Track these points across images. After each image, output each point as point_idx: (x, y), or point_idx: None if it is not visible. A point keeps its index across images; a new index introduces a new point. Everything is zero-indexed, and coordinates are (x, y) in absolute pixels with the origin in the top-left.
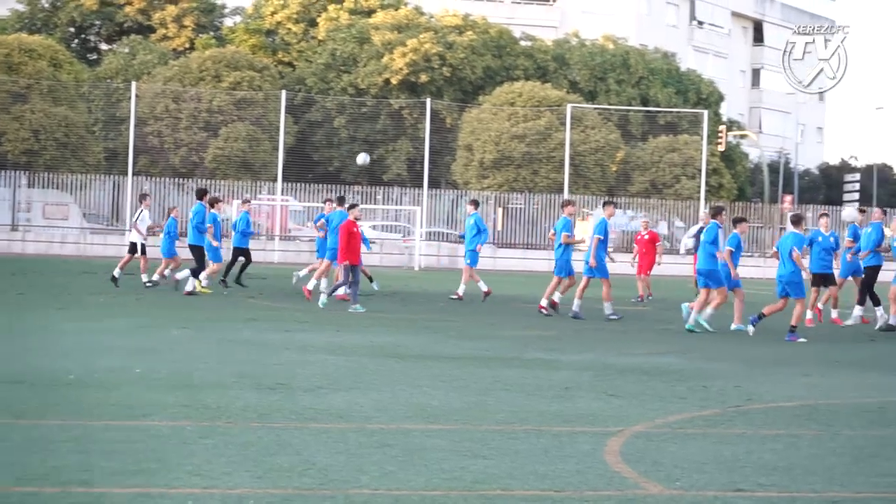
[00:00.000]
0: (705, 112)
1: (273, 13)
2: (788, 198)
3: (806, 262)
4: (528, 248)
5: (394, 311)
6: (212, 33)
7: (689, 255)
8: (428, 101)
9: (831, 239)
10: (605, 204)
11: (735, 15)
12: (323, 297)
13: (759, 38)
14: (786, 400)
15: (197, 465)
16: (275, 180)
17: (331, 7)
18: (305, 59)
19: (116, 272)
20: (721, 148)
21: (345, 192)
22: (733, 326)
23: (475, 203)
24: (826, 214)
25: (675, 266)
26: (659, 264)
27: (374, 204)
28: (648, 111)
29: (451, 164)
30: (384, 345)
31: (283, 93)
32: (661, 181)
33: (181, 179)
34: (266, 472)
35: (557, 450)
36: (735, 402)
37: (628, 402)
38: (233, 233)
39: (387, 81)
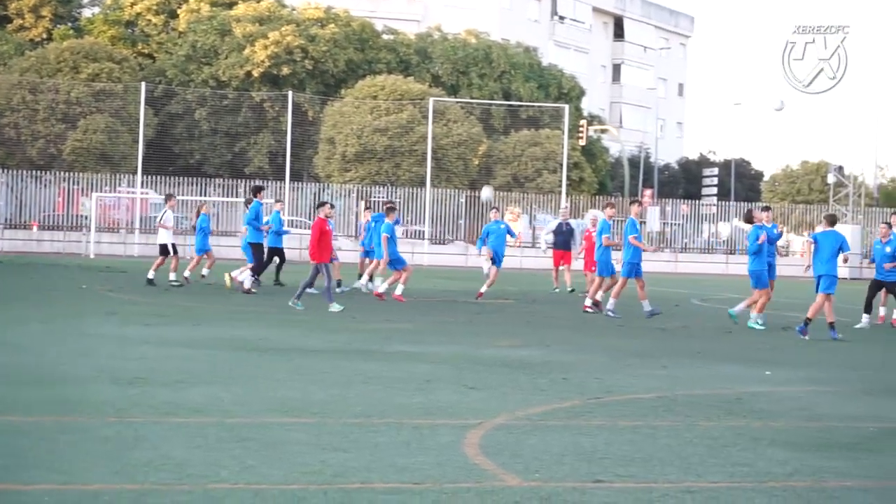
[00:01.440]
0: (566, 107)
1: (133, 4)
2: (648, 192)
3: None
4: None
5: (256, 304)
6: (70, 24)
7: (549, 251)
8: (290, 93)
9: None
10: (631, 202)
11: (596, 10)
12: (296, 303)
13: (619, 33)
14: (644, 391)
15: (54, 461)
16: (135, 173)
17: None
18: (166, 50)
19: (151, 274)
20: (582, 142)
21: (205, 184)
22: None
23: (497, 209)
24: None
25: (537, 260)
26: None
27: (236, 197)
28: (510, 105)
29: (313, 157)
30: (244, 338)
31: (143, 85)
32: (522, 175)
33: (39, 172)
34: (123, 467)
35: (417, 442)
36: (595, 394)
37: (489, 395)
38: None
39: (248, 74)
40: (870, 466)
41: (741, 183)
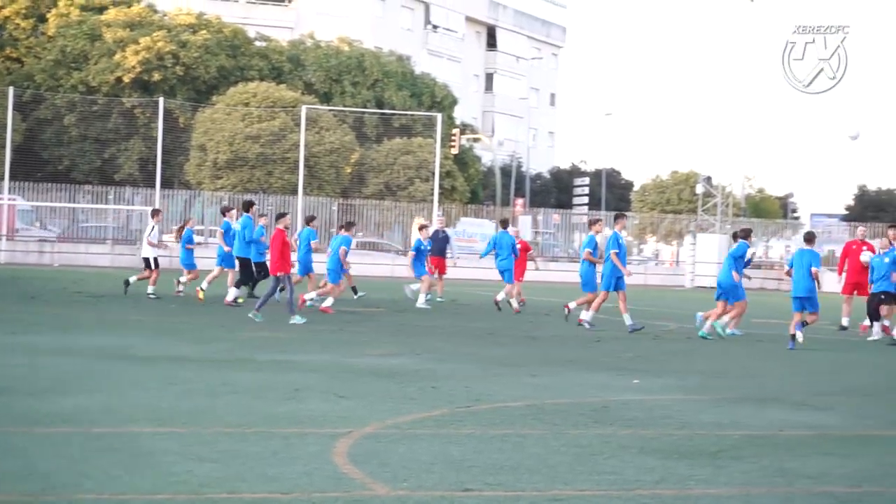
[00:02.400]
0: (439, 115)
1: (0, 7)
2: (520, 201)
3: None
4: None
5: (124, 312)
6: None
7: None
8: (161, 100)
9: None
10: (616, 217)
11: (469, 20)
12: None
13: (492, 43)
14: (513, 400)
15: None
16: (2, 179)
17: (61, 2)
18: (34, 55)
19: (150, 289)
20: (454, 151)
21: (74, 192)
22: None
23: (505, 222)
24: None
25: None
26: (536, 269)
27: (106, 204)
28: (383, 113)
29: (184, 164)
30: (113, 346)
31: (11, 89)
32: (395, 183)
33: None
34: None
35: (286, 452)
36: (464, 403)
37: (358, 404)
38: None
39: (119, 80)
40: (733, 473)
41: (612, 192)
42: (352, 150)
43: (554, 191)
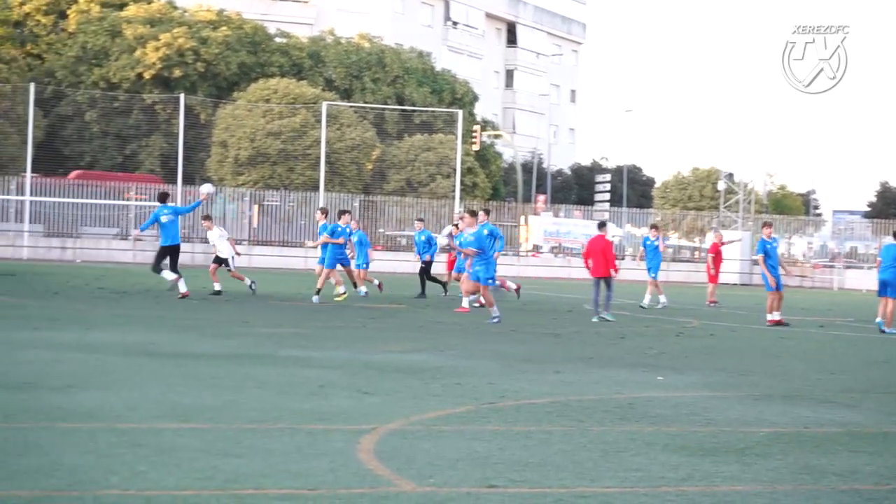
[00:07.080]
0: (460, 112)
1: (21, 4)
2: (542, 197)
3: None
4: (283, 246)
5: (147, 308)
6: None
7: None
8: (182, 96)
9: None
10: (763, 224)
11: (489, 16)
12: None
13: (512, 39)
14: (538, 396)
15: None
16: (24, 174)
17: None
18: (55, 51)
19: (252, 285)
20: (476, 147)
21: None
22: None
23: (486, 212)
24: None
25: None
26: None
27: (127, 200)
28: (404, 110)
29: (205, 160)
30: (136, 343)
31: (32, 85)
32: (416, 180)
33: None
34: (12, 473)
35: (311, 448)
36: (489, 399)
37: (383, 400)
38: None
39: (139, 76)
40: (759, 470)
41: (633, 189)
42: (373, 146)
43: (575, 187)
